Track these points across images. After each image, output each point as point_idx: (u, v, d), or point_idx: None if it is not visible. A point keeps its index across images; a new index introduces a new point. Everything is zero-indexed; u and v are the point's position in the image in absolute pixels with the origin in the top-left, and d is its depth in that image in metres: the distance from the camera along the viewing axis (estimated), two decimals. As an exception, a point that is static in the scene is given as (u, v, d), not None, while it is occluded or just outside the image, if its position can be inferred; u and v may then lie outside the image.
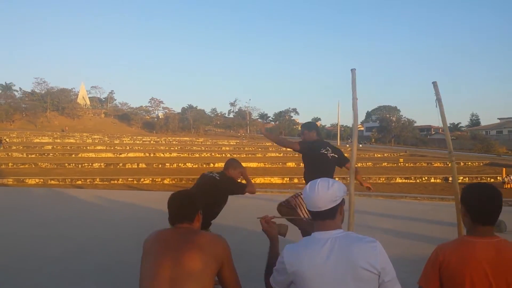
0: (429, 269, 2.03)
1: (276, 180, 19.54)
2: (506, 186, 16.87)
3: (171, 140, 61.73)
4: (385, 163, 30.54)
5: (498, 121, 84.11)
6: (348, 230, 2.12)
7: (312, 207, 1.93)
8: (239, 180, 4.31)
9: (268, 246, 2.32)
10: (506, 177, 17.86)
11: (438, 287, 1.99)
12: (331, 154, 4.61)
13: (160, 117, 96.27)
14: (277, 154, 41.13)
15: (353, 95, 3.81)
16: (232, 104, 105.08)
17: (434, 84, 4.19)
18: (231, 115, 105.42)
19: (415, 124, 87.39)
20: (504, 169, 20.85)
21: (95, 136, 58.40)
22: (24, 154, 33.22)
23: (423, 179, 20.89)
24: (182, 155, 36.44)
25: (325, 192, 1.91)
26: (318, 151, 4.60)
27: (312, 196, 1.93)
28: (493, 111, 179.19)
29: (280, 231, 2.45)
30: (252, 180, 4.45)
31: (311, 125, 5.10)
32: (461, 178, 20.23)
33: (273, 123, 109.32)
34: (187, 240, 2.13)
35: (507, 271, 1.87)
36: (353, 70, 3.91)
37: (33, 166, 25.05)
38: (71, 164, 26.12)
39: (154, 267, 2.05)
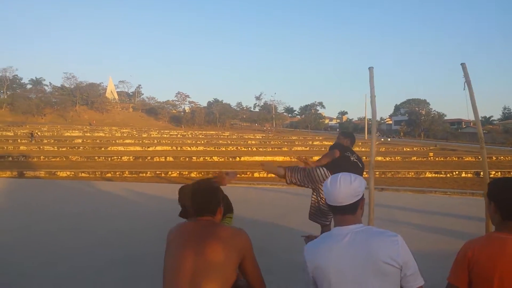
0: (458, 265, 1.98)
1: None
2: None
3: (197, 133, 62.32)
4: (414, 157, 29.96)
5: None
6: (368, 225, 2.08)
7: (333, 201, 1.91)
8: None
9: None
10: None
11: (467, 284, 1.94)
12: (354, 159, 4.61)
13: (187, 111, 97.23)
14: (303, 148, 40.95)
15: (371, 92, 3.84)
16: (258, 98, 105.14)
17: (463, 66, 4.06)
18: (257, 109, 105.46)
19: (445, 118, 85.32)
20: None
21: (124, 130, 59.48)
22: (55, 147, 34.15)
23: (454, 173, 20.41)
24: (208, 149, 36.71)
25: (348, 186, 1.89)
26: (344, 152, 4.63)
27: (333, 190, 1.90)
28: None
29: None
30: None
31: (348, 134, 5.15)
32: (493, 172, 19.67)
33: (298, 117, 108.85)
34: (209, 232, 2.13)
35: None
36: (370, 69, 3.91)
37: (64, 159, 25.73)
38: (101, 157, 26.69)
39: (177, 258, 2.07)
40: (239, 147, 39.25)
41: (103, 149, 34.22)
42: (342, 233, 1.87)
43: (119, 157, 26.94)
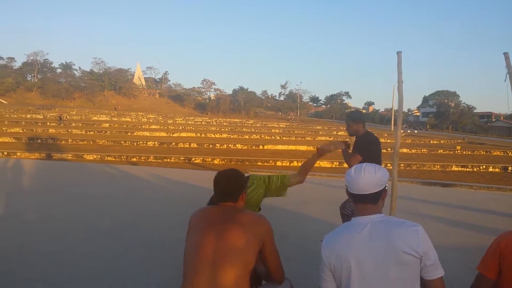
0: (489, 255, 1.98)
1: (325, 164, 19.34)
2: None
3: (221, 121, 62.59)
4: (441, 150, 29.36)
5: None
6: (389, 215, 2.08)
7: (356, 190, 1.92)
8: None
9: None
10: None
11: (496, 274, 1.93)
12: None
13: (212, 98, 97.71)
14: (327, 137, 40.64)
15: (398, 77, 3.75)
16: (283, 87, 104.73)
17: (506, 55, 3.89)
18: (282, 98, 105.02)
19: (475, 111, 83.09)
20: None
21: (150, 116, 60.25)
22: (83, 131, 34.89)
23: (481, 167, 19.93)
24: (232, 136, 36.86)
25: (372, 175, 1.90)
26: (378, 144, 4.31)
27: (358, 178, 1.91)
28: None
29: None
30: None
31: (360, 116, 4.47)
32: (523, 168, 19.14)
33: (324, 106, 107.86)
34: (230, 217, 2.15)
35: None
36: (399, 53, 3.83)
37: (91, 142, 26.30)
38: (127, 142, 27.17)
39: (198, 241, 2.10)
40: (262, 136, 39.24)
41: (129, 134, 34.79)
42: (363, 222, 1.88)
43: (145, 142, 27.36)
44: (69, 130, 34.37)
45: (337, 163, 19.50)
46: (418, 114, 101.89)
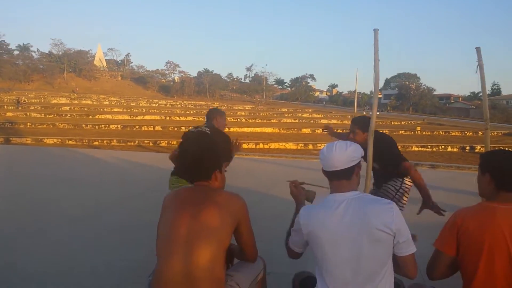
0: (446, 232, 2.03)
1: (290, 145, 19.53)
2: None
3: (186, 104, 61.84)
4: (402, 131, 30.21)
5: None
6: (364, 193, 2.12)
7: (329, 166, 1.94)
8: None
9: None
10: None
11: (454, 251, 1.99)
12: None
13: (176, 80, 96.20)
14: (292, 120, 40.96)
15: (375, 56, 3.70)
16: (248, 69, 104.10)
17: (477, 49, 4.03)
18: (247, 80, 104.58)
19: (435, 93, 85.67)
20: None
21: (112, 98, 58.84)
22: (42, 114, 33.73)
23: (440, 147, 20.66)
24: (197, 119, 36.44)
25: (344, 151, 1.92)
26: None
27: (330, 155, 1.93)
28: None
29: (308, 197, 2.44)
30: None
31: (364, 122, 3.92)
32: (479, 147, 19.94)
33: (289, 89, 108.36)
34: (205, 197, 2.12)
35: None
36: (375, 30, 3.78)
37: (51, 126, 25.46)
38: (88, 125, 26.48)
39: (171, 221, 2.06)
40: (228, 118, 38.70)
41: (90, 117, 33.88)
42: (338, 199, 1.90)
43: (107, 126, 26.73)
44: (28, 114, 33.19)
45: (302, 145, 19.74)
46: (381, 96, 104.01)
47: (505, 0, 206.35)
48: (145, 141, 19.18)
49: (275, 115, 47.75)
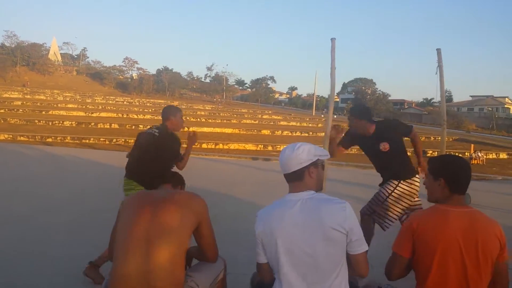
0: (402, 235, 2.10)
1: (250, 146, 19.62)
2: (473, 162, 17.47)
3: (145, 101, 60.65)
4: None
5: (470, 98, 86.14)
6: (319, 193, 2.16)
7: (283, 170, 2.00)
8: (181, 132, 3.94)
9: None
10: (473, 153, 18.45)
11: (410, 253, 2.07)
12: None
13: (134, 77, 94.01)
14: (252, 121, 41.09)
15: (331, 64, 3.84)
16: (209, 69, 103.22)
17: (438, 51, 4.22)
18: (208, 80, 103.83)
19: (389, 98, 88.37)
20: (472, 145, 21.52)
21: (67, 94, 56.74)
22: (-8, 108, 32.13)
23: (394, 151, 21.29)
24: (156, 117, 35.88)
25: (290, 154, 1.97)
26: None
27: (280, 159, 2.00)
28: (465, 88, 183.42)
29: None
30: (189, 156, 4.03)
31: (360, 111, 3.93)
32: (430, 152, 20.77)
33: (249, 90, 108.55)
34: (165, 196, 2.12)
35: (478, 240, 1.94)
36: (333, 40, 3.91)
37: (2, 121, 24.30)
38: (41, 121, 25.48)
39: (130, 220, 2.04)
40: (188, 118, 38.66)
41: (43, 112, 32.54)
42: (294, 199, 1.94)
43: (61, 122, 25.83)
44: (-25, 108, 31.45)
45: (262, 146, 19.87)
46: (338, 100, 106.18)
47: (456, 8, 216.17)
48: (101, 139, 18.69)
49: (235, 115, 47.74)
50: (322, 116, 51.43)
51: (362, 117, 3.80)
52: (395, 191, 3.72)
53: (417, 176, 3.85)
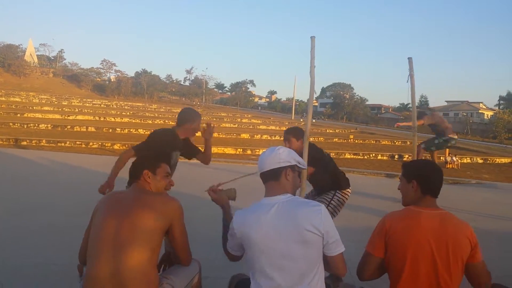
0: (375, 235, 2.15)
1: (229, 150, 19.56)
2: (448, 166, 17.75)
3: (122, 104, 59.84)
4: (336, 139, 31.25)
5: (446, 103, 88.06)
6: (299, 196, 2.20)
7: (260, 169, 2.05)
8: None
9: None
10: (448, 156, 18.76)
11: (382, 253, 2.12)
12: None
13: (112, 80, 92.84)
14: (231, 125, 41.04)
15: (311, 62, 3.85)
16: (188, 72, 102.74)
17: (409, 60, 4.31)
18: (187, 83, 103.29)
19: (367, 103, 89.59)
20: (447, 150, 21.88)
21: (42, 96, 55.58)
22: (-36, 110, 31.23)
23: (371, 155, 21.56)
24: (134, 121, 35.55)
25: (270, 153, 2.03)
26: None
27: (260, 158, 2.06)
28: (441, 94, 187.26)
29: (230, 196, 2.47)
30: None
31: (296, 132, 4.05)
32: (407, 156, 21.09)
33: (229, 93, 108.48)
34: (137, 198, 2.13)
35: (448, 240, 2.00)
36: (312, 38, 3.93)
37: (-26, 123, 23.65)
38: (16, 124, 24.85)
39: (101, 223, 2.04)
40: (166, 121, 38.34)
41: (18, 115, 31.78)
42: (271, 203, 1.97)
43: (36, 125, 25.25)
44: None
45: (241, 150, 19.86)
46: (317, 104, 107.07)
47: (433, 15, 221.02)
48: (77, 142, 18.35)
49: (214, 119, 47.53)
50: (301, 120, 51.72)
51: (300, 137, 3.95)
52: (334, 198, 4.06)
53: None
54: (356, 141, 31.37)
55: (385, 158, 21.42)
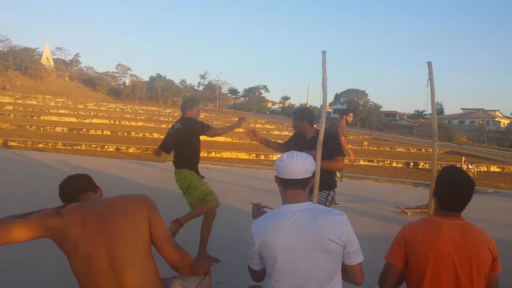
0: (395, 245, 2.10)
1: (242, 155, 19.64)
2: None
3: (137, 108, 60.47)
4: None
5: (461, 111, 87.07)
6: (313, 202, 2.17)
7: (290, 175, 1.95)
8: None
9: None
10: (464, 164, 18.54)
11: (403, 263, 2.07)
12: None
13: (127, 84, 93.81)
14: (245, 130, 41.09)
15: (323, 75, 3.94)
16: (202, 77, 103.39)
17: (429, 64, 4.33)
18: (201, 88, 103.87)
19: (381, 109, 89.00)
20: (463, 157, 21.61)
21: (59, 99, 56.48)
22: (-17, 113, 31.82)
23: (385, 162, 21.40)
24: (148, 125, 35.82)
25: (304, 161, 1.97)
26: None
27: (291, 163, 1.95)
28: (457, 101, 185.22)
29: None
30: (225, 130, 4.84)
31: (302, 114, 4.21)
32: (422, 163, 20.89)
33: (242, 98, 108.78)
34: (109, 208, 1.96)
35: (471, 252, 1.94)
36: (324, 52, 4.02)
37: (-8, 126, 24.09)
38: (33, 126, 25.25)
39: (89, 253, 1.84)
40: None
41: (35, 118, 32.27)
42: (292, 210, 1.93)
43: (52, 128, 25.63)
44: (-34, 112, 31.13)
45: (254, 155, 19.88)
46: (330, 110, 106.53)
47: (449, 22, 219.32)
48: (92, 145, 18.56)
49: (228, 123, 47.68)
50: (315, 126, 51.57)
51: (303, 118, 4.08)
52: (328, 197, 4.04)
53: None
54: (371, 147, 31.21)
55: (400, 165, 21.24)
